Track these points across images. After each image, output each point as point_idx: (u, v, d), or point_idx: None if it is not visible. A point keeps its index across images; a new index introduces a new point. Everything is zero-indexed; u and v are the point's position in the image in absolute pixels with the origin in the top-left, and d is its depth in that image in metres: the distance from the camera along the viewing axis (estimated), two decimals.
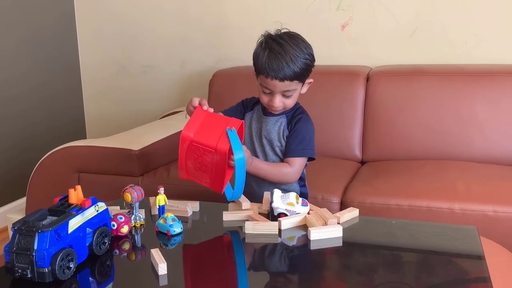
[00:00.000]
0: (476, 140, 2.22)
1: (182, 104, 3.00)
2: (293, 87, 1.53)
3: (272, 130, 1.62)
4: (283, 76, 1.49)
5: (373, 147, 2.36)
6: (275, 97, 1.54)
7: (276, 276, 1.19)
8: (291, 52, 1.50)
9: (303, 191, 1.69)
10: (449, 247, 1.31)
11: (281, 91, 1.53)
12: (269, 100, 1.56)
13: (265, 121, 1.64)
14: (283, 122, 1.62)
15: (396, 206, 1.84)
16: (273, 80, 1.51)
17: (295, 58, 1.50)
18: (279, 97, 1.54)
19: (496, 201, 1.78)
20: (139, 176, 2.17)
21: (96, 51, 3.16)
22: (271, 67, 1.49)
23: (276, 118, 1.62)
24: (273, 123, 1.62)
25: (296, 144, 1.58)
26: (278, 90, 1.53)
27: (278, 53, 1.49)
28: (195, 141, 1.38)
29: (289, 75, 1.50)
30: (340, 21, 2.66)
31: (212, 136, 1.37)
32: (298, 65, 1.50)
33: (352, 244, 1.33)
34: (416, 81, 2.34)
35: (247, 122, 1.67)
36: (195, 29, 2.93)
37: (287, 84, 1.51)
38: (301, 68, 1.51)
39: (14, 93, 2.78)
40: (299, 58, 1.50)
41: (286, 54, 1.49)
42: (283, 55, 1.49)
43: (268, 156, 1.64)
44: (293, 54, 1.49)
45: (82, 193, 1.25)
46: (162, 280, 1.12)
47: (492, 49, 2.48)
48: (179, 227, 1.35)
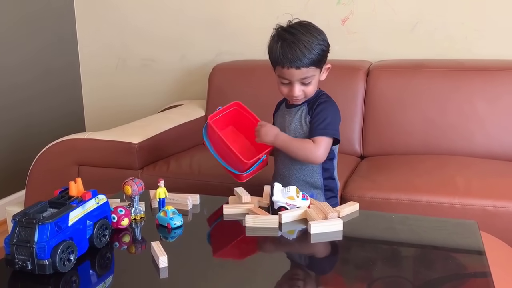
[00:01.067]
0: (476, 135, 2.22)
1: (181, 98, 2.99)
2: (310, 74, 1.53)
3: (294, 119, 1.62)
4: (299, 64, 1.50)
5: (373, 141, 2.36)
6: (294, 86, 1.55)
7: (276, 270, 1.19)
8: (304, 39, 1.50)
9: (331, 184, 1.66)
10: (449, 241, 1.31)
11: (299, 79, 1.53)
12: (289, 91, 1.57)
13: (287, 114, 1.64)
14: (304, 110, 1.61)
15: (396, 201, 1.84)
16: (290, 69, 1.51)
17: (309, 44, 1.50)
18: (298, 86, 1.55)
19: (496, 196, 1.78)
20: (139, 169, 2.17)
21: (96, 44, 3.16)
22: (286, 57, 1.50)
23: (298, 108, 1.62)
24: (294, 113, 1.62)
25: (317, 124, 1.56)
26: (296, 78, 1.53)
27: (291, 41, 1.50)
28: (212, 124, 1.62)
29: (305, 62, 1.50)
30: (341, 15, 2.65)
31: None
32: (313, 51, 1.50)
33: (352, 238, 1.33)
34: (416, 76, 2.34)
35: (275, 122, 1.69)
36: (195, 23, 2.92)
37: (304, 72, 1.52)
38: (316, 54, 1.51)
39: (12, 86, 2.77)
40: (313, 44, 1.51)
41: (299, 42, 1.50)
42: (296, 43, 1.50)
43: None
44: (306, 41, 1.50)
45: (82, 186, 1.25)
46: (162, 273, 1.12)
47: (492, 44, 2.47)
48: (180, 220, 1.35)
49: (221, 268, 1.18)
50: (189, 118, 2.52)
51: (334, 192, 1.67)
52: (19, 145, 2.82)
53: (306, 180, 1.62)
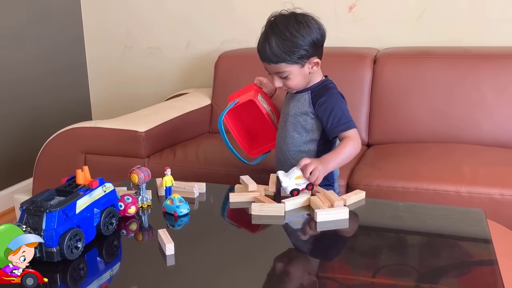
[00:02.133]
0: (483, 123, 2.21)
1: (187, 86, 2.99)
2: (283, 69, 1.53)
3: (295, 106, 1.62)
4: (268, 61, 1.53)
5: (379, 129, 2.35)
6: (274, 78, 1.58)
7: (282, 257, 1.19)
8: (277, 34, 1.50)
9: None
10: (456, 229, 1.31)
11: (274, 73, 1.56)
12: (272, 81, 1.61)
13: (291, 99, 1.65)
14: (306, 98, 1.61)
15: (403, 189, 1.83)
16: (264, 63, 1.56)
17: (279, 41, 1.50)
18: (277, 79, 1.57)
19: (503, 184, 1.78)
20: (146, 157, 2.18)
21: (102, 33, 3.15)
22: (259, 51, 1.56)
23: (301, 95, 1.62)
24: (297, 100, 1.62)
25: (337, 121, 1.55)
26: (271, 71, 1.57)
27: (267, 36, 1.53)
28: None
29: (272, 60, 1.52)
30: (348, 2, 2.63)
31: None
32: (281, 48, 1.49)
33: (358, 226, 1.33)
34: (424, 63, 2.32)
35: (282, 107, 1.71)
36: (200, 11, 2.91)
37: (275, 67, 1.54)
38: (284, 51, 1.50)
39: (19, 75, 2.78)
40: (285, 42, 1.49)
41: (271, 37, 1.51)
42: (268, 38, 1.52)
43: (287, 132, 1.63)
44: (278, 37, 1.50)
45: (89, 174, 1.25)
46: (169, 260, 1.13)
47: (500, 31, 2.45)
48: (186, 208, 1.36)
49: (227, 256, 1.19)
50: (195, 106, 2.52)
51: (329, 181, 1.65)
52: (26, 134, 2.84)
53: None
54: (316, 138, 1.62)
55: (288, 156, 1.64)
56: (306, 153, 1.62)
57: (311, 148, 1.62)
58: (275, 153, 1.70)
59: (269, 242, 1.29)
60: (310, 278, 1.11)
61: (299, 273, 1.14)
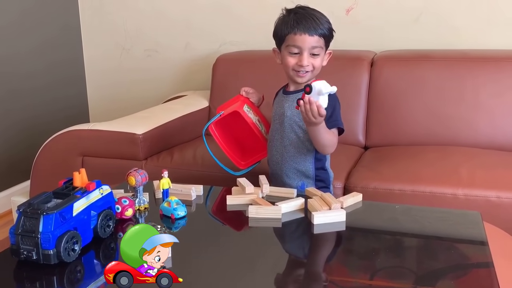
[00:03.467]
0: (480, 126, 2.22)
1: (185, 88, 2.99)
2: (320, 45, 1.56)
3: (291, 106, 1.61)
4: (313, 32, 1.54)
5: (377, 132, 2.35)
6: (304, 55, 1.56)
7: (279, 260, 1.19)
8: (315, 13, 1.57)
9: (322, 175, 1.66)
10: (453, 232, 1.32)
11: (310, 48, 1.55)
12: (298, 61, 1.57)
13: (285, 100, 1.64)
14: None
15: (399, 191, 1.84)
16: (303, 35, 1.54)
17: (321, 19, 1.57)
18: (308, 55, 1.56)
19: (499, 187, 1.78)
20: (143, 160, 2.18)
21: (100, 34, 3.15)
22: (301, 23, 1.54)
23: (295, 96, 1.61)
24: (292, 101, 1.62)
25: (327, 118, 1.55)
26: (307, 45, 1.55)
27: (305, 13, 1.57)
28: None
29: (318, 31, 1.54)
30: (345, 5, 2.64)
31: None
32: (325, 25, 1.56)
33: (355, 229, 1.34)
34: (421, 66, 2.33)
35: (272, 108, 1.70)
36: (199, 13, 2.92)
37: (316, 40, 1.55)
38: (326, 29, 1.56)
39: (17, 77, 2.78)
40: (324, 20, 1.57)
41: (312, 14, 1.57)
42: (310, 15, 1.56)
43: (284, 133, 1.62)
44: (318, 16, 1.57)
45: (86, 176, 1.25)
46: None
47: (497, 34, 2.46)
48: (183, 210, 1.36)
49: (224, 258, 1.19)
50: (193, 108, 2.53)
51: (325, 183, 1.66)
52: (24, 136, 2.83)
53: (298, 168, 1.63)
54: None
55: (287, 157, 1.64)
56: (304, 154, 1.62)
57: (309, 148, 1.62)
58: (271, 155, 1.68)
59: (266, 244, 1.29)
60: (307, 281, 1.11)
61: (296, 276, 1.14)
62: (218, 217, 1.46)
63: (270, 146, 1.68)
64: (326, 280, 1.11)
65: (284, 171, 1.64)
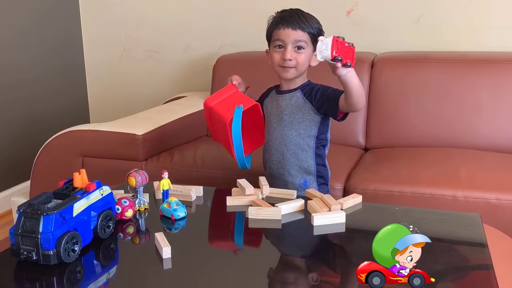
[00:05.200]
0: (480, 128, 2.22)
1: (186, 89, 2.99)
2: (304, 40, 1.57)
3: (289, 104, 1.63)
4: (295, 26, 1.56)
5: (376, 134, 2.36)
6: (287, 49, 1.57)
7: (279, 261, 1.19)
8: (304, 14, 1.60)
9: (322, 171, 1.67)
10: (452, 234, 1.32)
11: (293, 41, 1.56)
12: (281, 55, 1.59)
13: (281, 99, 1.65)
14: (299, 96, 1.62)
15: (399, 193, 1.84)
16: (286, 30, 1.57)
17: (309, 18, 1.59)
18: (291, 49, 1.57)
19: (499, 188, 1.78)
20: (143, 160, 2.18)
21: (100, 35, 3.15)
22: (285, 19, 1.58)
23: (291, 94, 1.63)
24: (288, 99, 1.64)
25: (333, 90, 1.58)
26: (290, 39, 1.56)
27: (292, 12, 1.60)
28: (214, 110, 1.59)
29: (302, 26, 1.56)
30: (345, 6, 2.64)
31: (227, 109, 1.56)
32: (311, 23, 1.58)
33: (355, 230, 1.34)
34: (421, 68, 2.33)
35: (264, 108, 1.70)
36: (199, 14, 2.92)
37: (300, 34, 1.56)
38: (313, 27, 1.58)
39: (18, 78, 2.78)
40: (313, 20, 1.59)
41: (299, 12, 1.59)
42: (296, 12, 1.59)
43: (283, 131, 1.63)
44: (306, 15, 1.60)
45: (86, 177, 1.25)
46: (166, 264, 1.13)
47: (497, 36, 2.46)
48: (183, 211, 1.36)
49: (224, 259, 1.19)
50: (193, 109, 2.52)
51: (325, 180, 1.68)
52: (24, 136, 2.83)
53: (300, 165, 1.64)
54: (314, 134, 1.63)
55: (288, 155, 1.64)
56: (306, 150, 1.63)
57: (310, 144, 1.63)
58: (270, 156, 1.68)
59: (266, 246, 1.29)
60: (307, 282, 1.11)
61: (296, 277, 1.14)
62: (218, 218, 1.46)
63: (269, 147, 1.68)
64: (326, 282, 1.11)
65: (286, 169, 1.64)
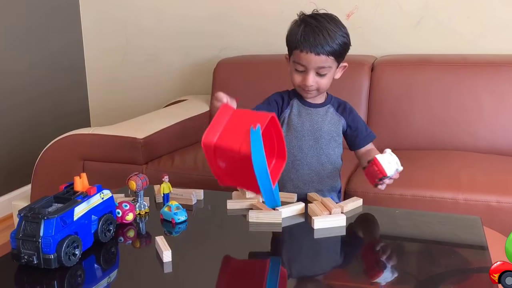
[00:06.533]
0: (480, 131, 2.22)
1: (186, 93, 3.00)
2: (328, 64, 1.45)
3: (325, 121, 1.55)
4: (319, 50, 1.42)
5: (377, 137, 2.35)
6: (309, 74, 1.46)
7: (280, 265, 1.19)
8: (329, 27, 1.44)
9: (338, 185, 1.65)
10: (453, 237, 1.32)
11: (315, 67, 1.45)
12: (302, 79, 1.48)
13: (315, 114, 1.55)
14: (331, 111, 1.57)
15: (400, 196, 1.84)
16: (308, 54, 1.43)
17: (333, 33, 1.44)
18: (313, 75, 1.46)
19: (499, 191, 1.78)
20: (144, 164, 2.18)
21: (101, 39, 3.16)
22: (307, 40, 1.42)
23: (325, 109, 1.55)
24: (323, 114, 1.55)
25: (366, 129, 1.58)
26: (312, 66, 1.44)
27: (316, 26, 1.43)
28: (219, 146, 1.23)
29: (326, 50, 1.43)
30: (346, 10, 2.65)
31: (236, 137, 1.21)
32: (336, 41, 1.44)
33: (355, 234, 1.34)
34: (421, 71, 2.33)
35: (289, 121, 1.56)
36: (199, 18, 2.93)
37: (323, 60, 1.43)
38: (338, 44, 1.44)
39: (19, 82, 2.79)
40: (337, 34, 1.44)
41: (324, 28, 1.43)
42: (321, 29, 1.43)
43: (321, 150, 1.55)
44: (331, 29, 1.44)
45: (87, 181, 1.25)
46: (166, 267, 1.13)
47: (498, 39, 2.46)
48: (184, 215, 1.36)
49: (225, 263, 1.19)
50: (193, 113, 2.53)
51: (336, 189, 1.67)
52: (25, 140, 2.84)
53: (332, 184, 1.60)
54: (341, 152, 1.60)
55: (324, 175, 1.57)
56: (338, 168, 1.61)
57: (340, 162, 1.60)
58: (301, 175, 1.56)
59: (266, 249, 1.29)
60: (308, 286, 1.11)
61: (297, 281, 1.14)
62: (219, 221, 1.46)
63: (298, 165, 1.56)
64: (327, 285, 1.11)
65: (319, 189, 1.56)
